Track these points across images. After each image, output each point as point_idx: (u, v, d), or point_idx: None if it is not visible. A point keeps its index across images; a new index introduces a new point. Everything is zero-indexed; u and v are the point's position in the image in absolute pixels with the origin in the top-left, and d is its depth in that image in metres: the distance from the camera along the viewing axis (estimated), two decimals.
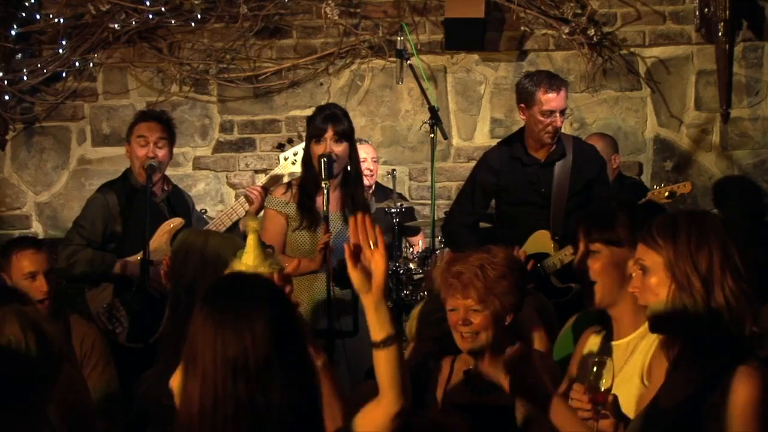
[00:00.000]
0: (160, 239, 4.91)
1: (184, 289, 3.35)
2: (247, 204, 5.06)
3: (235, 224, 5.05)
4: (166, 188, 5.19)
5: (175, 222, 4.95)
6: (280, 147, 5.12)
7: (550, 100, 5.03)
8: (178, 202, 5.18)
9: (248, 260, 3.03)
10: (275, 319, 2.18)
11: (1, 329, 2.32)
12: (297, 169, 5.07)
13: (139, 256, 4.77)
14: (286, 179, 5.09)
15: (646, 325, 2.57)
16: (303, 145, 4.99)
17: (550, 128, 5.06)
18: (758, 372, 2.35)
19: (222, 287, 2.30)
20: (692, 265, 2.40)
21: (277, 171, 5.17)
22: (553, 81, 5.09)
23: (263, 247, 3.07)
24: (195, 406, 2.13)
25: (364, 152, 6.21)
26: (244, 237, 3.03)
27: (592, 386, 2.52)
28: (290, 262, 3.16)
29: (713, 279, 2.39)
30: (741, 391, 2.32)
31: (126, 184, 5.14)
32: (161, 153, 5.06)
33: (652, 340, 2.82)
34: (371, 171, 6.18)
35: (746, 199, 6.58)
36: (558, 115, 5.06)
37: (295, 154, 5.10)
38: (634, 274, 2.53)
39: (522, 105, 5.13)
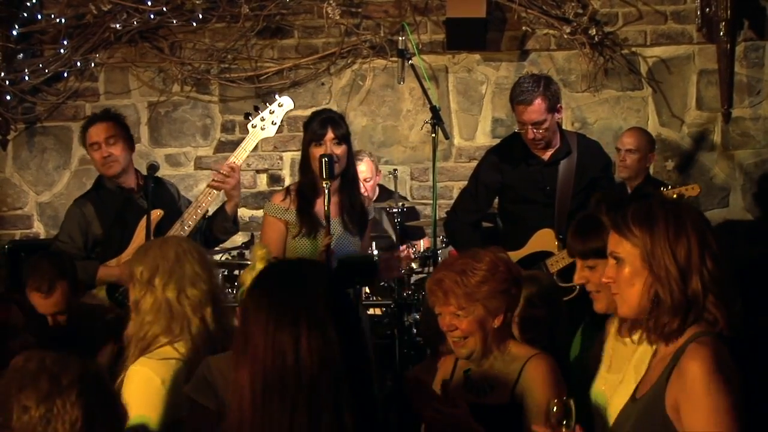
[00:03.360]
0: (139, 235, 4.86)
1: None
2: (211, 195, 4.89)
3: (202, 217, 4.92)
4: (140, 182, 5.12)
5: (153, 215, 4.86)
6: (247, 117, 5.02)
7: (521, 112, 4.95)
8: (158, 194, 5.07)
9: None
10: (331, 302, 2.19)
11: None
12: (268, 134, 4.97)
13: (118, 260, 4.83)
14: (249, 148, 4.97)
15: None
16: (270, 109, 4.92)
17: (529, 136, 4.99)
18: (707, 346, 2.35)
19: (274, 273, 2.31)
20: (671, 254, 2.40)
21: (246, 143, 4.95)
22: (526, 93, 4.91)
23: None
24: (246, 393, 2.13)
25: (361, 170, 5.97)
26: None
27: (553, 427, 2.51)
28: None
29: (691, 267, 2.39)
30: (691, 369, 2.33)
31: (101, 191, 5.10)
32: (116, 150, 4.98)
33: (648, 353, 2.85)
34: (366, 190, 5.89)
35: None
36: (530, 127, 4.95)
37: (262, 120, 4.93)
38: (608, 265, 2.53)
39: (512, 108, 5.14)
